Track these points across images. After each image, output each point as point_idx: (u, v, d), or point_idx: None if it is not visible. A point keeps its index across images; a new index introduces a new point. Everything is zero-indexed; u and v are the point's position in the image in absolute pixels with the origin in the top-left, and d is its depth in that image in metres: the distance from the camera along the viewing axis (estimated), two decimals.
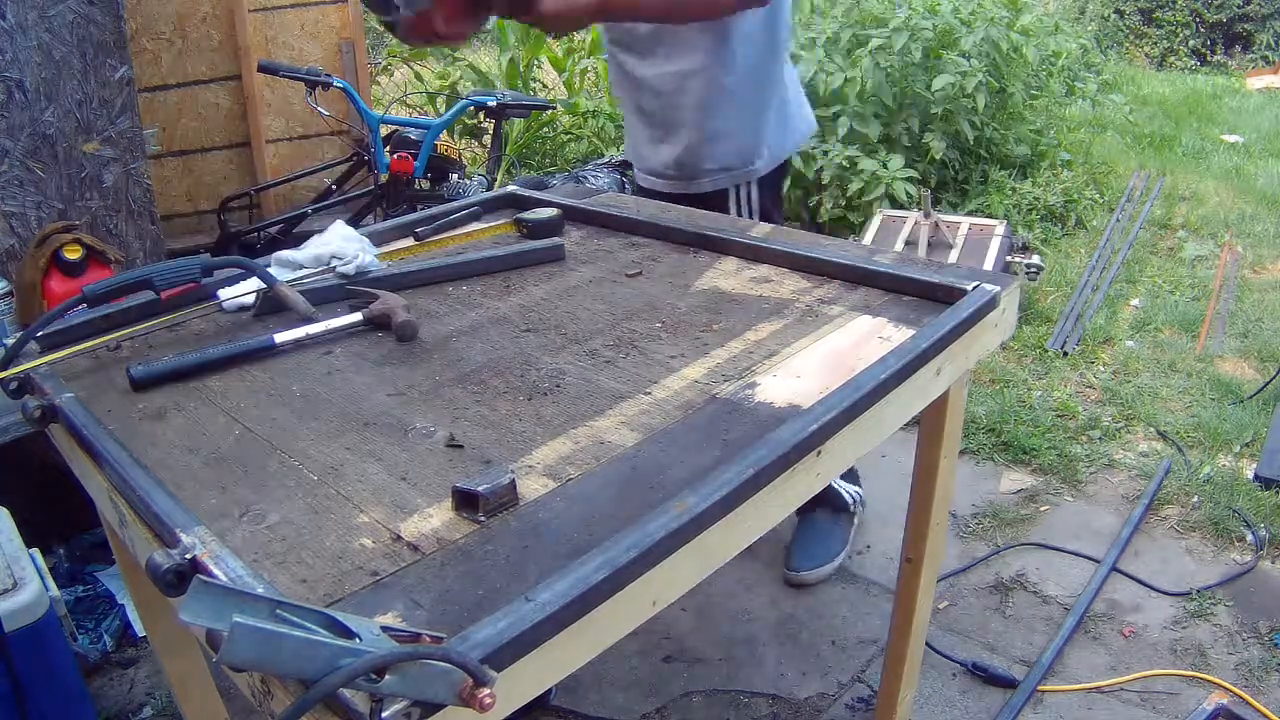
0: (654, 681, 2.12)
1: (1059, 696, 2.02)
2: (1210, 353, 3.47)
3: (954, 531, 2.58)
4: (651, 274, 1.54)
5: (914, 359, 1.17)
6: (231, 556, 0.82)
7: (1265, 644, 2.13)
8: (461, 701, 0.68)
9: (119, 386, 1.20)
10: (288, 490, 0.98)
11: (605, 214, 1.78)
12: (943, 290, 1.37)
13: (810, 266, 1.52)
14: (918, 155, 4.62)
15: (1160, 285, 4.11)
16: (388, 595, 0.82)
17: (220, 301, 1.43)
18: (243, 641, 0.61)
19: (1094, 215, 4.80)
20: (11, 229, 2.51)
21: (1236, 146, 6.10)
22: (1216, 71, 9.12)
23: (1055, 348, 3.56)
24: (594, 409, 1.12)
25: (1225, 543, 2.49)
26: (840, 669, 2.15)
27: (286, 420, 1.12)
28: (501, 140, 4.40)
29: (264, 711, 0.76)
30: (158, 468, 1.00)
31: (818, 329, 1.32)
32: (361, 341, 1.32)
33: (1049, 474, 2.84)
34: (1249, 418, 2.99)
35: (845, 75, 4.40)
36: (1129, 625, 2.23)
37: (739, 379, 1.18)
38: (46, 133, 2.50)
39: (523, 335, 1.33)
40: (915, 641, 1.70)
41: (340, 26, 4.30)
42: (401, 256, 1.64)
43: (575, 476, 0.99)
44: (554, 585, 0.78)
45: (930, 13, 4.55)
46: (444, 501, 0.95)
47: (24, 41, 2.40)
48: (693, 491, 0.90)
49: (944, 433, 1.48)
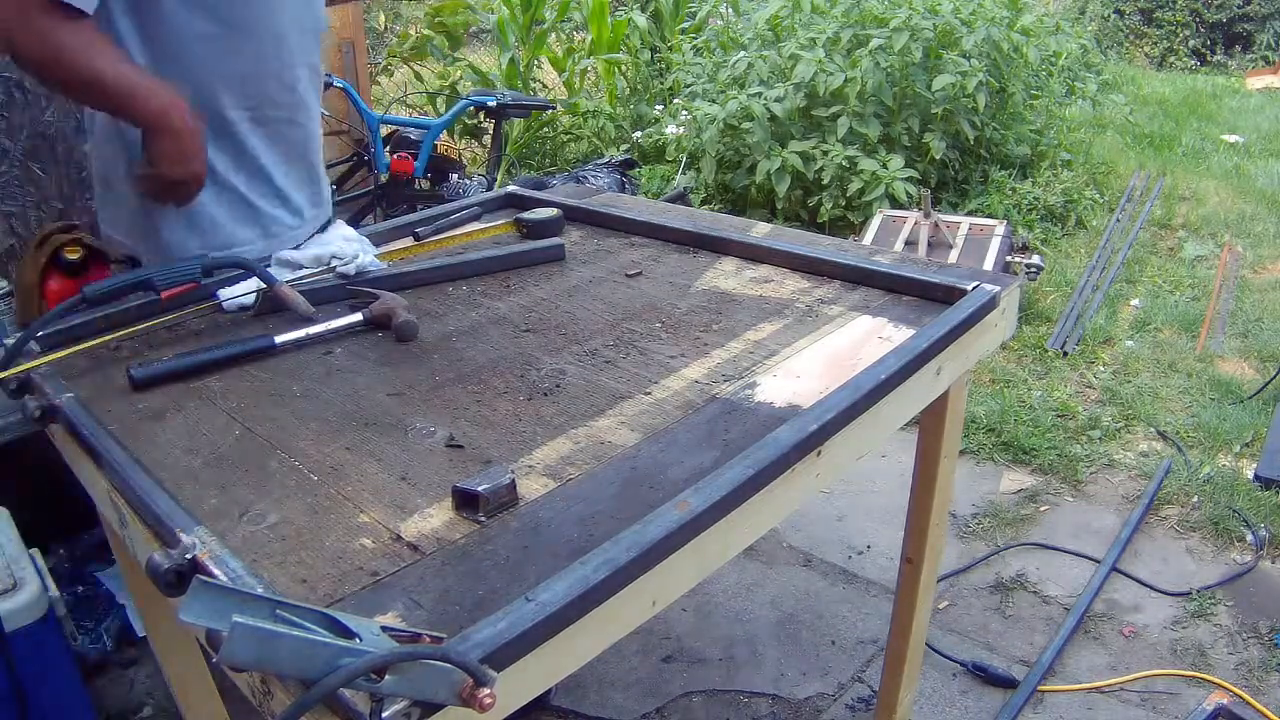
0: (654, 681, 2.12)
1: (1059, 696, 2.02)
2: (1210, 353, 3.47)
3: (954, 531, 2.58)
4: (651, 274, 1.54)
5: (914, 359, 1.17)
6: (231, 556, 0.82)
7: (1265, 644, 2.13)
8: (461, 701, 0.67)
9: (119, 386, 1.20)
10: (288, 490, 0.98)
11: (605, 214, 1.78)
12: (943, 290, 1.37)
13: (810, 266, 1.52)
14: (918, 155, 4.62)
15: (1160, 285, 4.11)
16: (388, 595, 0.82)
17: (220, 301, 1.42)
18: (243, 641, 0.61)
19: (1094, 215, 4.80)
20: (11, 229, 2.50)
21: (1236, 146, 6.10)
22: (1216, 71, 9.12)
23: (1055, 348, 3.56)
24: (594, 409, 1.12)
25: (1225, 543, 2.49)
26: (840, 669, 2.15)
27: (286, 420, 1.12)
28: (501, 140, 4.40)
29: (264, 711, 0.76)
30: (157, 468, 1.00)
31: (818, 329, 1.32)
32: (361, 341, 1.32)
33: (1049, 474, 2.84)
34: (1249, 418, 2.99)
35: (845, 75, 4.40)
36: (1129, 625, 2.23)
37: (739, 379, 1.18)
38: (46, 133, 2.49)
39: (523, 335, 1.33)
40: (915, 641, 1.70)
41: (340, 26, 4.30)
42: (401, 256, 1.64)
43: (575, 476, 0.99)
44: (554, 585, 0.78)
45: (930, 13, 4.55)
46: (444, 501, 0.95)
47: None
48: (693, 491, 0.90)
49: (944, 433, 1.48)
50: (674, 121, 5.48)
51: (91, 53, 1.35)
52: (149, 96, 1.37)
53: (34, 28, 1.32)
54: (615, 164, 4.41)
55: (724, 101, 4.67)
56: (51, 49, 1.33)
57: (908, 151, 4.56)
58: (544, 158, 5.98)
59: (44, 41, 1.32)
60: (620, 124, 6.07)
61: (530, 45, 6.09)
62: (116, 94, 1.38)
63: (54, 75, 1.39)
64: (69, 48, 1.33)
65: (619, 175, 4.31)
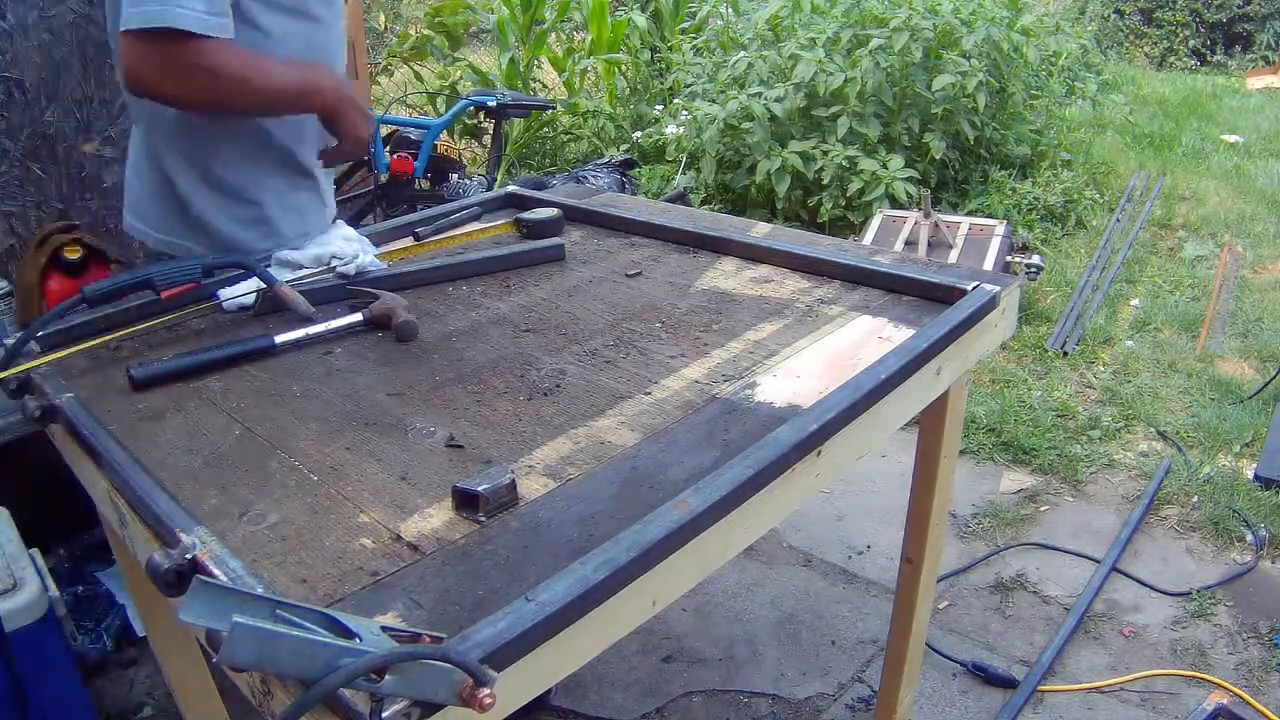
0: (654, 681, 2.12)
1: (1059, 696, 2.02)
2: (1210, 353, 3.47)
3: (954, 531, 2.58)
4: (651, 274, 1.54)
5: (914, 359, 1.17)
6: (231, 556, 0.82)
7: (1265, 644, 2.13)
8: (461, 702, 0.67)
9: (119, 386, 1.20)
10: (288, 490, 0.98)
11: (605, 214, 1.78)
12: (943, 290, 1.37)
13: (810, 266, 1.52)
14: (918, 155, 4.62)
15: (1160, 285, 4.11)
16: (388, 595, 0.82)
17: (220, 301, 1.42)
18: (243, 641, 0.61)
19: (1094, 215, 4.80)
20: (11, 229, 2.51)
21: (1236, 146, 6.10)
22: (1216, 71, 9.12)
23: (1055, 348, 3.56)
24: (594, 409, 1.12)
25: (1225, 543, 2.49)
26: (840, 669, 2.15)
27: (286, 420, 1.12)
28: (501, 140, 4.40)
29: (264, 711, 0.76)
30: (157, 468, 1.00)
31: (818, 329, 1.32)
32: (361, 341, 1.32)
33: (1049, 474, 2.84)
34: (1249, 418, 2.99)
35: (845, 75, 4.40)
36: (1129, 625, 2.23)
37: (739, 379, 1.18)
38: (46, 133, 2.50)
39: (523, 335, 1.33)
40: (915, 641, 1.70)
41: None
42: (401, 256, 1.64)
43: (575, 476, 0.99)
44: (554, 585, 0.78)
45: (930, 13, 4.55)
46: (444, 501, 0.95)
47: (24, 41, 2.40)
48: (693, 491, 0.90)
49: (944, 433, 1.48)
50: (674, 121, 5.48)
51: (257, 70, 1.41)
52: (319, 87, 1.46)
53: (198, 79, 1.35)
54: (615, 164, 4.41)
55: (724, 101, 4.67)
56: (231, 85, 1.37)
57: (908, 151, 4.56)
58: (544, 158, 5.98)
59: (217, 81, 1.36)
60: (620, 124, 6.07)
61: (530, 45, 6.09)
62: (291, 98, 1.46)
63: (235, 105, 1.44)
64: (239, 77, 1.38)
65: (619, 175, 4.31)
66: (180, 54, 1.31)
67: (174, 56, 1.31)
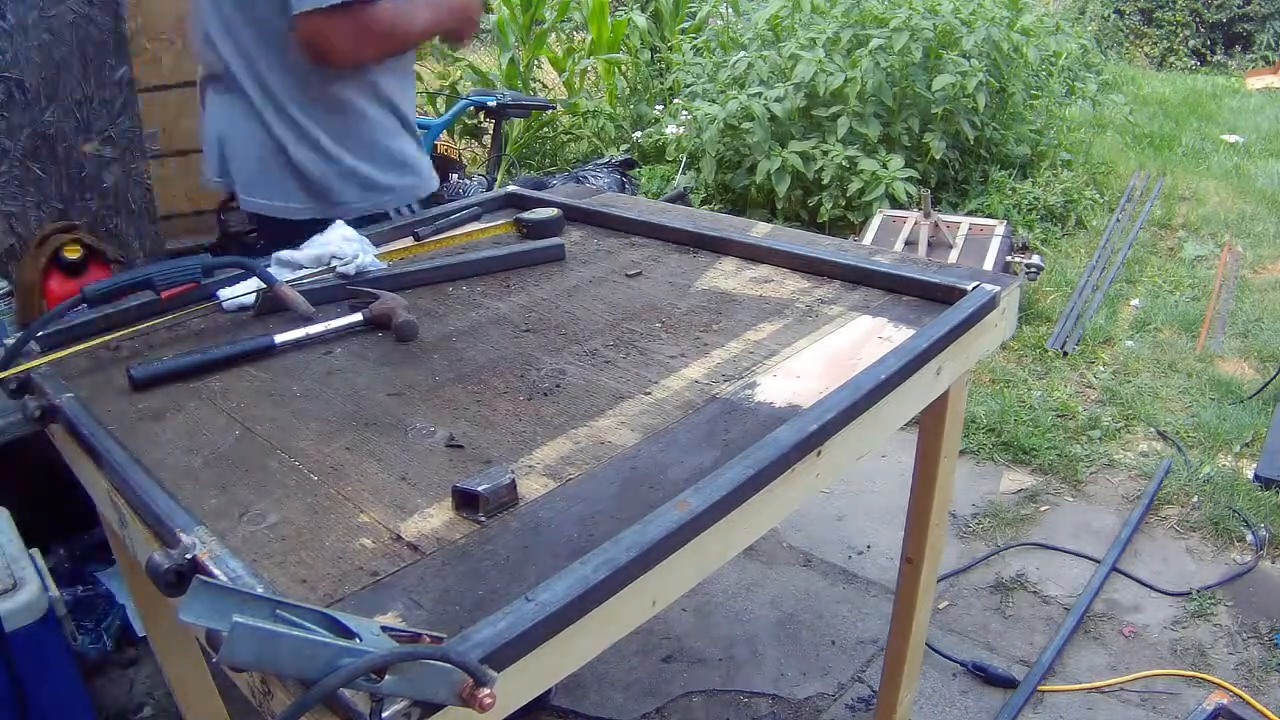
0: (654, 681, 2.12)
1: (1059, 696, 2.02)
2: (1210, 353, 3.47)
3: (954, 531, 2.58)
4: (651, 274, 1.54)
5: (914, 359, 1.17)
6: (231, 556, 0.82)
7: (1265, 644, 2.13)
8: (461, 702, 0.67)
9: (119, 386, 1.20)
10: (288, 490, 0.98)
11: (605, 214, 1.78)
12: (943, 290, 1.37)
13: (810, 266, 1.52)
14: (918, 155, 4.62)
15: (1160, 285, 4.11)
16: (388, 595, 0.82)
17: (220, 301, 1.42)
18: (243, 641, 0.61)
19: (1094, 215, 4.80)
20: (11, 229, 2.50)
21: (1236, 146, 6.10)
22: (1216, 71, 9.12)
23: (1055, 348, 3.56)
24: (594, 409, 1.12)
25: (1225, 543, 2.49)
26: (840, 669, 2.15)
27: (286, 420, 1.12)
28: (501, 140, 4.41)
29: (264, 711, 0.76)
30: (157, 468, 1.00)
31: (818, 329, 1.32)
32: (361, 341, 1.32)
33: (1049, 474, 2.84)
34: (1249, 418, 2.99)
35: (845, 75, 4.40)
36: (1129, 625, 2.23)
37: (739, 379, 1.18)
38: (46, 133, 2.49)
39: (523, 335, 1.33)
40: (915, 641, 1.70)
41: None
42: (401, 256, 1.64)
43: (575, 476, 0.99)
44: (554, 585, 0.78)
45: (930, 13, 4.55)
46: (444, 501, 0.95)
47: (24, 41, 2.40)
48: (693, 491, 0.90)
49: (944, 433, 1.48)
50: (674, 121, 5.48)
51: (416, 13, 1.65)
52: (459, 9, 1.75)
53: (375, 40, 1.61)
54: (615, 164, 4.41)
55: (724, 101, 4.67)
56: (398, 37, 1.65)
57: (908, 151, 4.56)
58: (544, 158, 5.98)
59: (390, 36, 1.62)
60: (620, 124, 6.07)
61: (530, 45, 6.09)
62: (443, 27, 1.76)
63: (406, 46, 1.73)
64: (403, 28, 1.64)
65: (619, 175, 4.31)
66: (366, 20, 1.55)
67: (364, 24, 1.55)
